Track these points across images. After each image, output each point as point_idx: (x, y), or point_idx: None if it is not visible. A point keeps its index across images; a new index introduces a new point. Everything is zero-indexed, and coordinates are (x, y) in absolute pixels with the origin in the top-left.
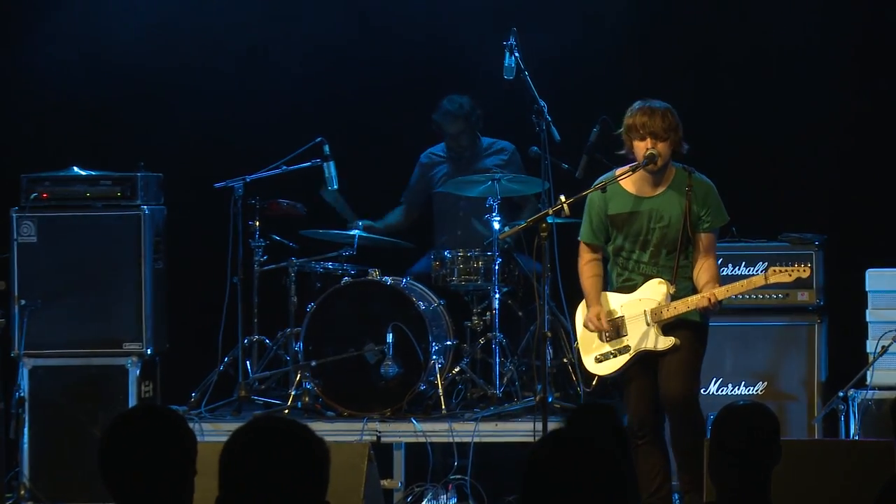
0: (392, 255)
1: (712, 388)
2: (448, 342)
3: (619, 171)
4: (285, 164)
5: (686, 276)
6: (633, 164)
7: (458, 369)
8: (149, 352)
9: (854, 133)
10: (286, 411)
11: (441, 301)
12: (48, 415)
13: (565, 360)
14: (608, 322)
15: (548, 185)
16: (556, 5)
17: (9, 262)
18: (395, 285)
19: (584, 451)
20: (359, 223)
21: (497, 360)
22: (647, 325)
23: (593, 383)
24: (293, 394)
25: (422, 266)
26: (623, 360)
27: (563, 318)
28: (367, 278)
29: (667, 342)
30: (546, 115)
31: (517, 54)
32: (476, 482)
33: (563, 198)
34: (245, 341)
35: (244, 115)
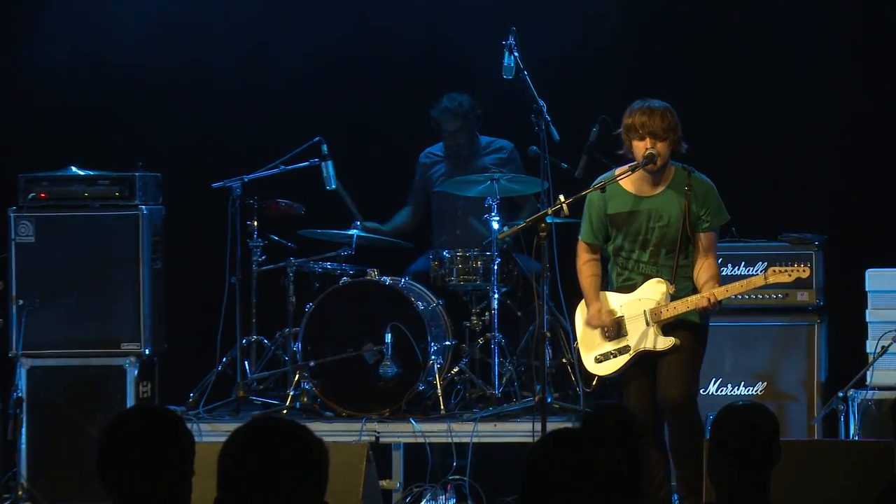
0: (391, 254)
1: (712, 388)
2: (447, 342)
3: (619, 171)
4: (283, 163)
5: (686, 276)
6: (633, 163)
7: (456, 369)
8: (147, 352)
9: (854, 133)
10: (284, 412)
11: (440, 301)
12: (46, 415)
13: (564, 361)
14: (610, 319)
15: (547, 185)
16: (556, 5)
17: (7, 262)
18: (394, 285)
19: (583, 451)
20: (361, 224)
21: (496, 361)
22: (647, 324)
23: (593, 383)
24: (291, 394)
25: (420, 265)
26: (623, 360)
27: (562, 319)
28: (365, 278)
29: (666, 342)
30: (545, 114)
31: (516, 54)
32: (475, 482)
33: (562, 198)
34: (243, 341)
35: (243, 114)
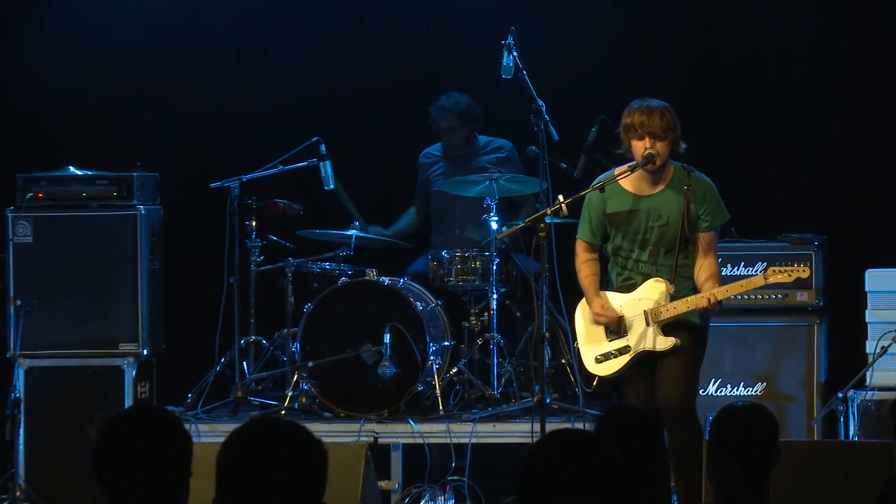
0: (389, 255)
1: (711, 388)
2: (446, 343)
3: (618, 171)
4: (282, 163)
5: (686, 276)
6: (632, 163)
7: (455, 370)
8: (145, 352)
9: (853, 133)
10: (283, 412)
11: (439, 301)
12: (44, 415)
13: (563, 361)
14: (615, 312)
15: (546, 185)
16: (555, 5)
17: (4, 262)
18: (393, 285)
19: (582, 451)
20: (362, 225)
21: (495, 361)
22: (647, 324)
23: (594, 384)
24: (290, 394)
25: (419, 266)
26: (623, 360)
27: (561, 319)
28: (364, 278)
29: (667, 342)
30: (544, 114)
31: (515, 53)
32: (474, 483)
33: (561, 198)
34: (242, 342)
35: (241, 114)
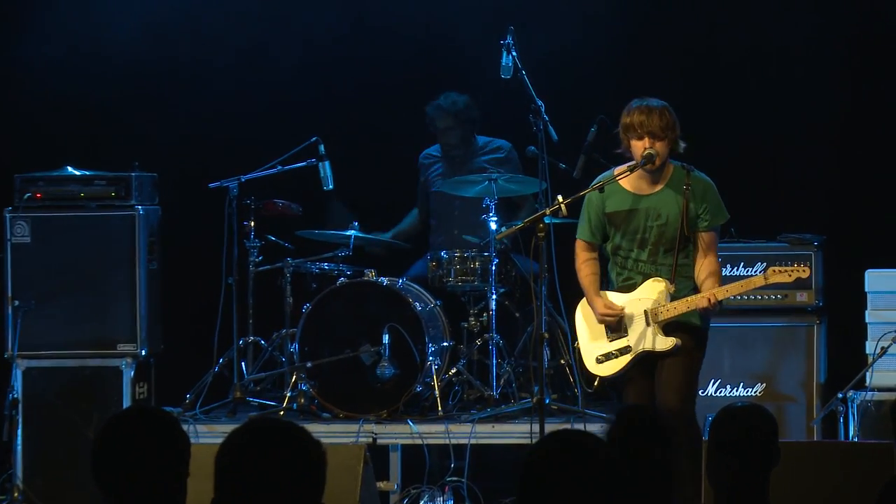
0: (388, 255)
1: (711, 389)
2: (444, 343)
3: (618, 171)
4: (281, 163)
5: (686, 276)
6: (631, 163)
7: (454, 370)
8: (143, 353)
9: (853, 133)
10: (281, 413)
11: (437, 302)
12: (42, 416)
13: (563, 362)
14: (620, 308)
15: (545, 185)
16: (555, 5)
17: (2, 262)
18: (392, 286)
19: (581, 452)
20: (356, 226)
21: (494, 362)
22: (647, 324)
23: (595, 384)
24: (289, 395)
25: (419, 269)
26: (624, 360)
27: (560, 319)
28: (363, 279)
29: (667, 342)
30: (543, 114)
31: (514, 53)
32: (473, 484)
33: (560, 198)
34: (240, 342)
35: (240, 114)
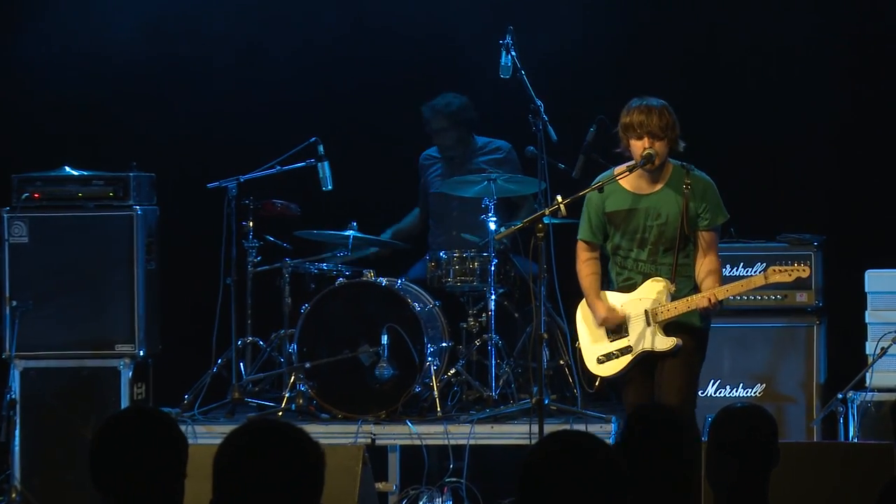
0: (387, 256)
1: (710, 389)
2: (443, 344)
3: (617, 171)
4: (279, 164)
5: (686, 275)
6: (631, 163)
7: (453, 371)
8: (141, 353)
9: (853, 133)
10: (280, 413)
11: (436, 302)
12: (40, 417)
13: (562, 362)
14: (621, 313)
15: (544, 185)
16: (554, 4)
17: (0, 262)
18: (390, 286)
19: (580, 453)
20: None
21: (493, 362)
22: (648, 324)
23: (596, 384)
24: (287, 396)
25: (417, 271)
26: (625, 360)
27: (559, 320)
28: (361, 279)
29: (668, 342)
30: (542, 114)
31: (514, 53)
32: (472, 485)
33: (559, 198)
34: (239, 343)
35: (238, 114)
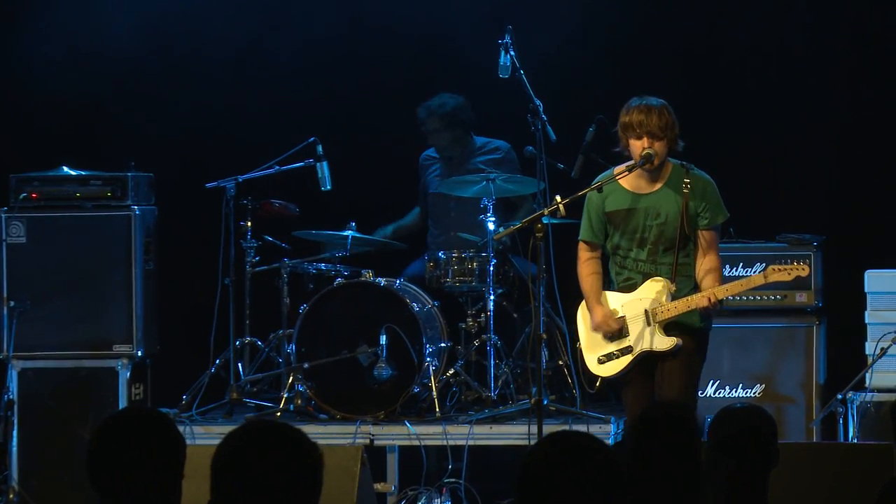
0: (385, 256)
1: (709, 390)
2: (442, 344)
3: (617, 171)
4: (278, 164)
5: (686, 275)
6: (630, 163)
7: (452, 371)
8: (139, 354)
9: (853, 133)
10: (278, 414)
11: (435, 302)
12: (37, 417)
13: (561, 363)
14: (617, 323)
15: (543, 186)
16: (553, 4)
17: None
18: (389, 286)
19: (580, 454)
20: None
21: (492, 363)
22: (648, 324)
23: (597, 385)
24: (285, 396)
25: (416, 269)
26: (626, 360)
27: (558, 320)
28: (360, 279)
29: (668, 342)
30: (541, 114)
31: (512, 53)
32: (470, 485)
33: (558, 198)
34: (237, 343)
35: (237, 114)
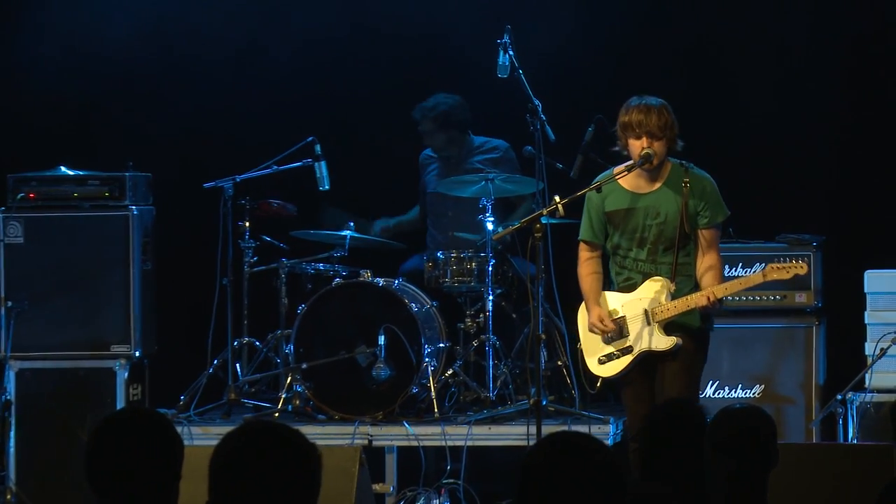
0: (384, 255)
1: (709, 390)
2: (441, 344)
3: (616, 171)
4: (276, 163)
5: (686, 274)
6: (629, 163)
7: (450, 372)
8: (137, 354)
9: (853, 133)
10: (276, 414)
11: (434, 303)
12: (35, 418)
13: (560, 363)
14: (612, 324)
15: (542, 185)
16: (552, 3)
17: None
18: (387, 287)
19: (579, 454)
20: (351, 226)
21: (490, 363)
22: (648, 324)
23: (597, 385)
24: (283, 397)
25: (414, 263)
26: (626, 360)
27: (557, 321)
28: (358, 279)
29: (668, 342)
30: (540, 114)
31: (511, 52)
32: (469, 486)
33: (557, 198)
34: (235, 343)
35: (235, 113)
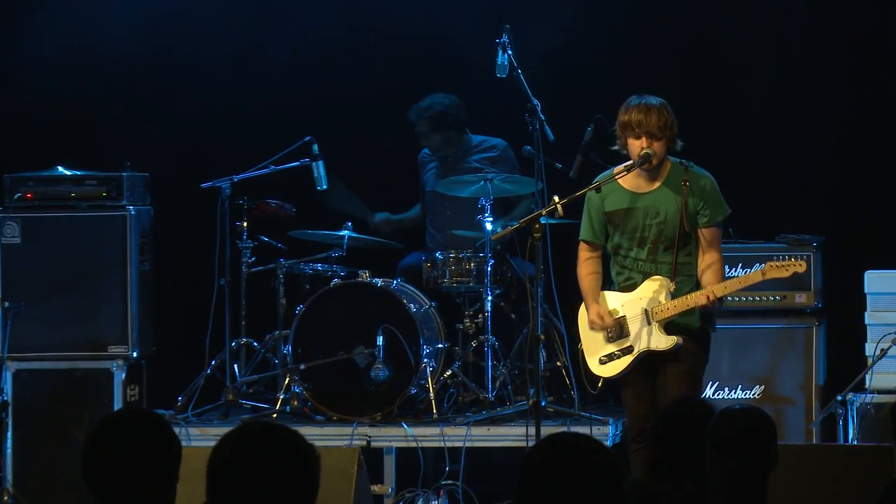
0: (382, 256)
1: (709, 391)
2: (439, 345)
3: (616, 171)
4: (274, 163)
5: (687, 274)
6: (628, 163)
7: (449, 372)
8: (134, 355)
9: (853, 133)
10: (274, 415)
11: (432, 303)
12: (32, 419)
13: (559, 364)
14: (612, 319)
15: (541, 185)
16: (552, 3)
17: None
18: (386, 287)
19: (578, 455)
20: (349, 226)
21: (489, 364)
22: (648, 323)
23: (598, 385)
24: (282, 397)
25: (412, 259)
26: (627, 360)
27: (556, 321)
28: (356, 280)
29: (669, 341)
30: (539, 113)
31: (510, 52)
32: (468, 487)
33: (556, 198)
34: (233, 344)
35: (233, 113)
